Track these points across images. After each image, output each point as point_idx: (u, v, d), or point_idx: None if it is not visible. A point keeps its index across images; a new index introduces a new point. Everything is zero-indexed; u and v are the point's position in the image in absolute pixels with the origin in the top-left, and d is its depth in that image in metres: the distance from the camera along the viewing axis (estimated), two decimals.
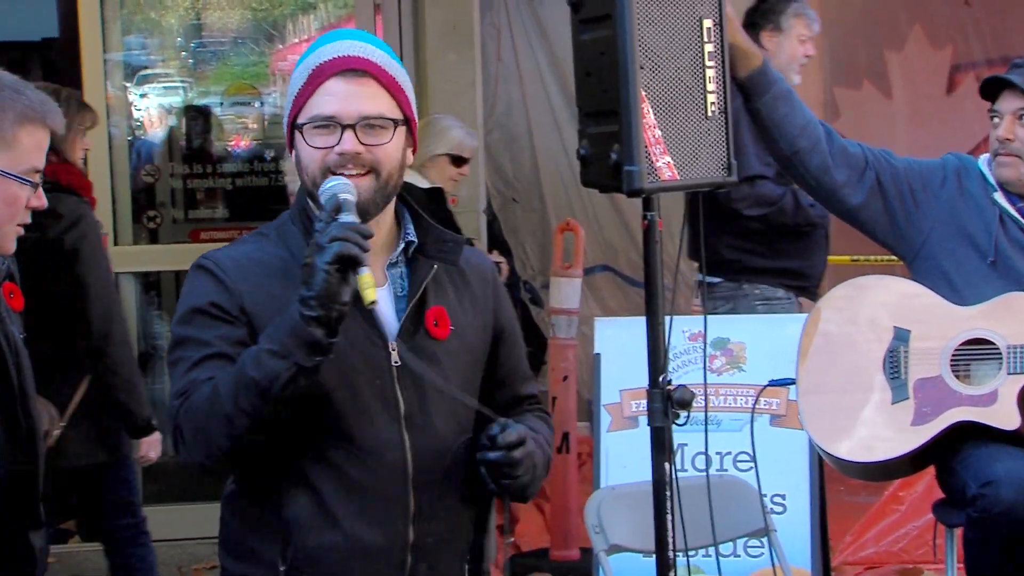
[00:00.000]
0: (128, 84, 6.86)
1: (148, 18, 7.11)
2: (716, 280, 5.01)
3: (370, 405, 2.50)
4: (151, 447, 4.55)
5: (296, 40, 7.39)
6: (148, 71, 7.18)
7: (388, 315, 2.55)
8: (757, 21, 5.10)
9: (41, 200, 2.67)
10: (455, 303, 2.63)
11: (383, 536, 2.50)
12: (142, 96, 7.05)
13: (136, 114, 7.04)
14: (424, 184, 5.21)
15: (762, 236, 4.97)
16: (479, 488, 2.57)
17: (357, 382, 2.50)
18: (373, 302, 2.33)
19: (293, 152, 2.57)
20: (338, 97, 2.50)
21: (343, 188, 2.44)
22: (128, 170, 6.57)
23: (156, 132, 7.04)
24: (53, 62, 9.96)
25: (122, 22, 6.58)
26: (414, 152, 2.65)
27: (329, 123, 2.49)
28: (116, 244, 6.16)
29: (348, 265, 2.31)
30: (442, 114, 5.69)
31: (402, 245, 2.60)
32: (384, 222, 2.59)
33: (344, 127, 2.49)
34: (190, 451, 2.45)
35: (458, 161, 5.46)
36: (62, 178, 4.41)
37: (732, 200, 4.82)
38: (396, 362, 2.52)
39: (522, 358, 2.80)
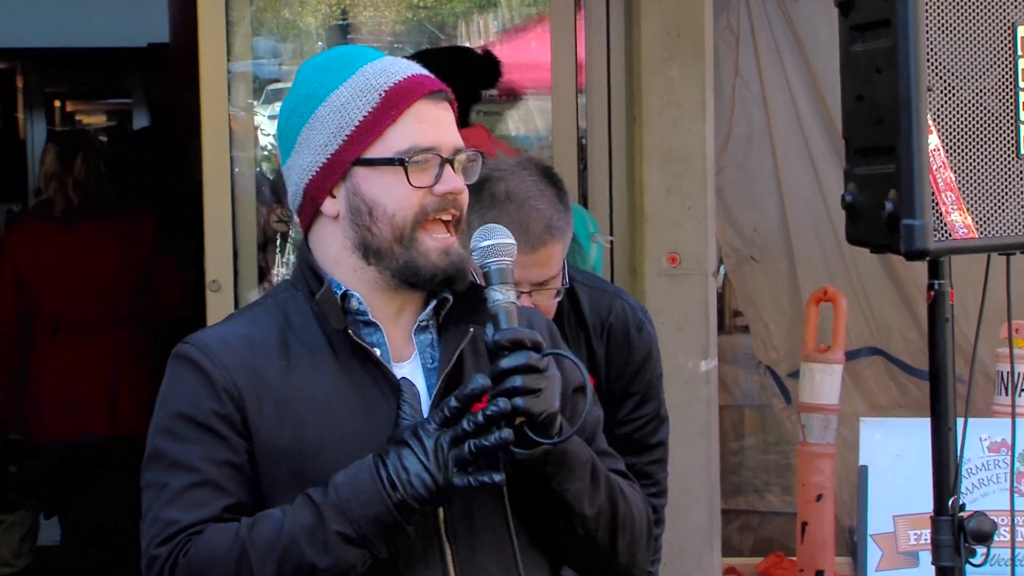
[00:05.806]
0: (254, 102, 7.01)
1: (281, 18, 7.30)
2: None
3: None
4: None
5: (470, 46, 7.49)
6: (280, 84, 7.36)
7: (419, 393, 2.59)
8: None
9: None
10: None
11: None
12: (272, 117, 7.20)
13: (264, 140, 7.20)
14: None
15: None
16: None
17: None
18: None
19: (340, 195, 2.60)
20: (432, 125, 2.59)
21: (510, 248, 2.55)
22: (254, 213, 6.70)
23: None
24: (161, 73, 10.29)
25: (250, 23, 6.74)
26: None
27: (428, 156, 2.57)
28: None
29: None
30: None
31: (434, 303, 2.64)
32: None
33: (443, 161, 2.58)
34: None
35: None
36: None
37: None
38: None
39: (595, 423, 2.78)
